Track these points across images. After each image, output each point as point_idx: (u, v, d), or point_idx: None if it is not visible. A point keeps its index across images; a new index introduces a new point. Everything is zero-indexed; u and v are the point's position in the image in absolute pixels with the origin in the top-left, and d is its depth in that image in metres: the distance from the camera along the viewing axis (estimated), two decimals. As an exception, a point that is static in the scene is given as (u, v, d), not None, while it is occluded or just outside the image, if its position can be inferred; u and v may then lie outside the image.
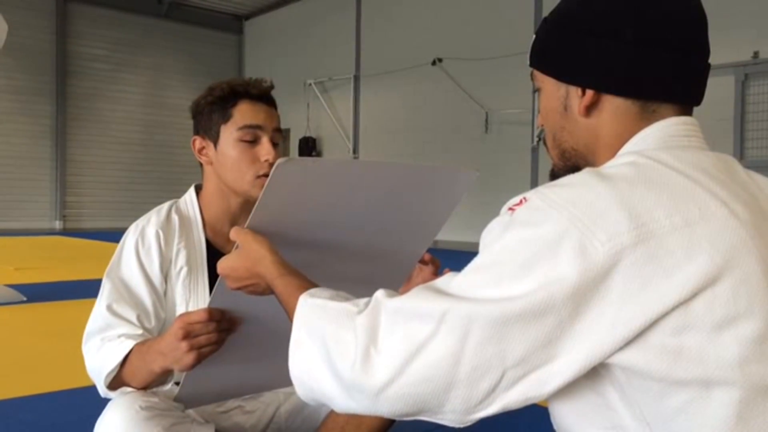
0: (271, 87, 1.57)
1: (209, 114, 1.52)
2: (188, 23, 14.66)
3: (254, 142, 1.50)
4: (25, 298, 4.77)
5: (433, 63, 10.55)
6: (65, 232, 12.49)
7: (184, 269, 1.52)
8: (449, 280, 0.82)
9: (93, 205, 13.57)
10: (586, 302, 0.74)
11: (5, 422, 2.36)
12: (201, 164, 1.59)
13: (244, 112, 1.50)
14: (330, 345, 0.84)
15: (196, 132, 1.57)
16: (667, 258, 0.73)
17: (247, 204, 1.57)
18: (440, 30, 10.65)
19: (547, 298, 0.74)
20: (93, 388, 1.42)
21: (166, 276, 1.51)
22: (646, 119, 0.89)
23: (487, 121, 9.94)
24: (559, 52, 0.93)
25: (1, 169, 12.46)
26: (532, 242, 0.76)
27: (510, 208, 0.82)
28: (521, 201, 0.81)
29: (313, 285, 0.97)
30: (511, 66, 9.28)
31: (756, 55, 7.25)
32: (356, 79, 12.28)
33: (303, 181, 1.06)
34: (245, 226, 1.08)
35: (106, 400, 1.38)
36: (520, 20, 9.42)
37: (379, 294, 0.86)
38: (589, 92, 0.90)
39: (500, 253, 0.79)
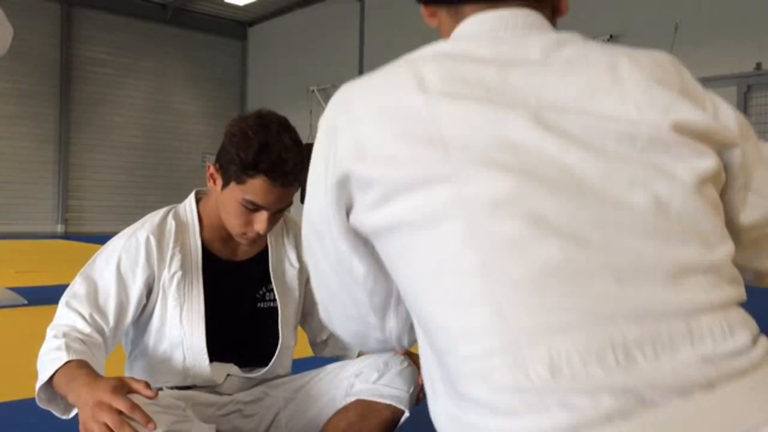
0: (295, 168, 1.47)
1: (229, 162, 1.48)
2: (192, 29, 14.70)
3: (255, 210, 1.50)
4: (26, 302, 4.76)
5: (436, 71, 10.57)
6: (67, 236, 12.50)
7: (179, 273, 1.54)
8: None
9: (95, 209, 13.59)
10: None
11: (6, 425, 2.37)
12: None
13: (256, 188, 1.46)
14: None
15: (216, 159, 1.54)
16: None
17: None
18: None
19: None
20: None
21: (153, 282, 1.53)
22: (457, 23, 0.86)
23: (489, 129, 9.94)
24: None
25: (4, 172, 12.49)
26: None
27: None
28: None
29: None
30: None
31: (758, 66, 7.24)
32: (359, 86, 12.29)
33: None
34: None
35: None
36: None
37: None
38: (429, 8, 0.89)
39: None
